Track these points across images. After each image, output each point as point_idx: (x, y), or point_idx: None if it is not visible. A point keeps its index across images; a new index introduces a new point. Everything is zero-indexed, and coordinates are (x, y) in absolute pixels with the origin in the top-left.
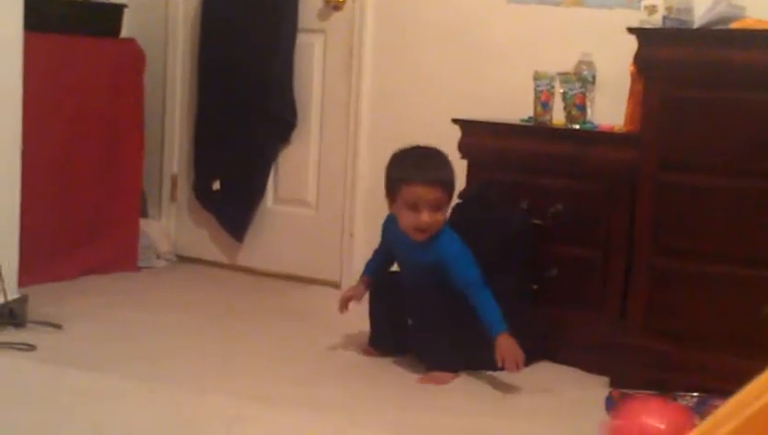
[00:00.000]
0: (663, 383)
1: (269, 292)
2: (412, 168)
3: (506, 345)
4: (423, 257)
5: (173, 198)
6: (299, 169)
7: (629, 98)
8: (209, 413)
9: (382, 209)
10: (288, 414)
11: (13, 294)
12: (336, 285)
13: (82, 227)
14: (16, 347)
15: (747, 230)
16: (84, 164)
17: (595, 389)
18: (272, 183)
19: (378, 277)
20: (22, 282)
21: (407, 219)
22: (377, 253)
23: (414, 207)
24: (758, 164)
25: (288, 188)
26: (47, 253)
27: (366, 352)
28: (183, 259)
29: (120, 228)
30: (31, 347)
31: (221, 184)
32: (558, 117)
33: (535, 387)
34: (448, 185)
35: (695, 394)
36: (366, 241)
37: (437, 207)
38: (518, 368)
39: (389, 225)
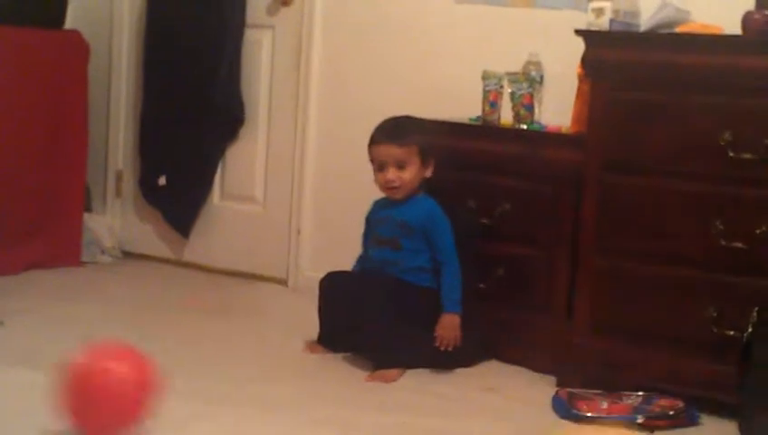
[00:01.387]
0: (609, 382)
1: (216, 288)
2: (377, 130)
3: (450, 324)
4: (402, 214)
5: (118, 193)
6: (246, 165)
7: (577, 99)
8: (159, 413)
9: (330, 206)
10: (237, 413)
11: None
12: (283, 282)
13: (25, 222)
14: None
15: (688, 230)
16: (27, 158)
17: (542, 388)
18: (219, 179)
19: (330, 275)
20: None
21: (377, 180)
22: (358, 261)
23: (381, 166)
24: (699, 165)
25: (235, 184)
26: None
27: (312, 349)
28: (128, 255)
29: (63, 223)
30: None
31: (167, 179)
32: (506, 116)
33: (482, 386)
34: (412, 143)
35: (640, 393)
36: (313, 238)
37: (401, 164)
38: (449, 348)
39: (372, 210)
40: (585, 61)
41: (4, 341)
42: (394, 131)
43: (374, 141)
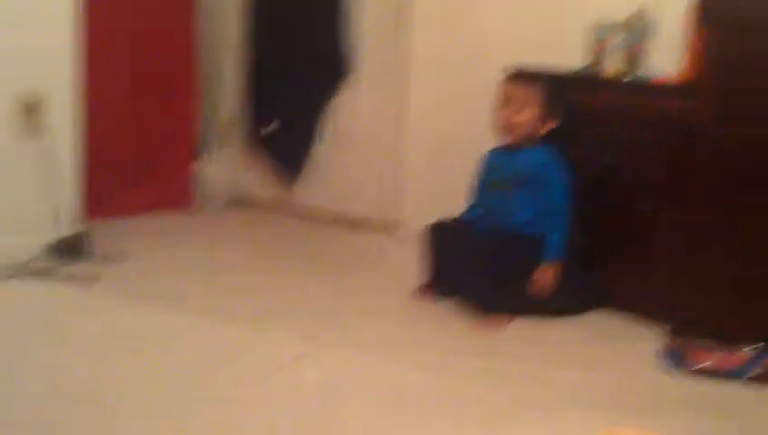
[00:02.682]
0: (722, 334)
1: (322, 235)
2: (513, 69)
3: (546, 272)
4: (517, 164)
5: (228, 141)
6: (353, 114)
7: (687, 48)
8: (264, 351)
9: (435, 156)
10: (340, 356)
11: (76, 228)
12: (389, 231)
13: (140, 168)
14: (79, 280)
15: None
16: (141, 105)
17: (653, 339)
18: (326, 128)
19: (437, 223)
20: (87, 217)
21: (496, 117)
22: (468, 211)
23: (503, 103)
24: None
25: (341, 132)
26: (109, 191)
27: (418, 296)
28: (237, 202)
29: (176, 170)
30: (93, 280)
31: (275, 128)
32: (611, 68)
33: (592, 336)
34: (536, 90)
35: (755, 346)
36: (419, 187)
37: (520, 106)
38: (540, 294)
39: (487, 159)
40: (698, 8)
41: (121, 280)
42: (525, 75)
43: (506, 78)
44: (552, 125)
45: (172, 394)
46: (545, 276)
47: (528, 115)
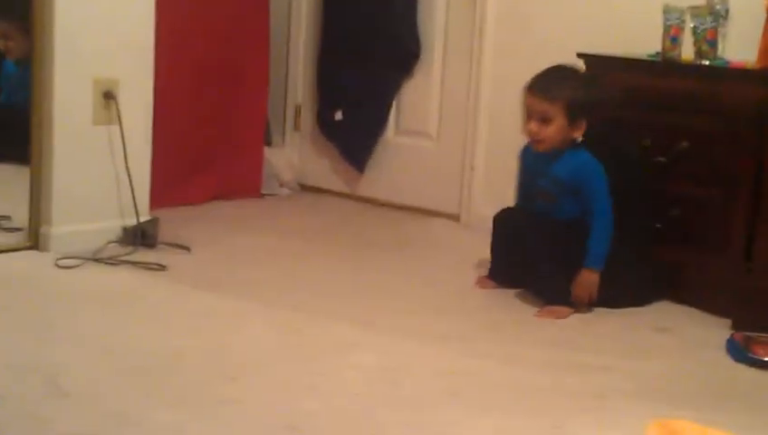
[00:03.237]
0: None
1: (389, 222)
2: (532, 78)
3: (587, 282)
4: (555, 170)
5: (296, 127)
6: (421, 101)
7: (764, 33)
8: (327, 338)
9: (504, 143)
10: (402, 343)
11: (145, 216)
12: (455, 218)
13: (208, 154)
14: (148, 267)
15: None
16: (210, 91)
17: (717, 331)
18: (394, 114)
19: (503, 211)
20: (153, 205)
21: (523, 127)
22: (520, 186)
23: (527, 115)
24: None
25: (410, 119)
26: (176, 178)
27: (482, 284)
28: (305, 188)
29: (244, 156)
30: (162, 267)
31: (344, 114)
32: (687, 52)
33: (654, 326)
34: (559, 99)
35: None
36: (486, 174)
37: (545, 119)
38: (582, 306)
39: (525, 153)
40: None
41: (189, 267)
42: (544, 83)
43: (526, 89)
44: (582, 127)
45: (232, 378)
46: (586, 287)
47: (553, 129)
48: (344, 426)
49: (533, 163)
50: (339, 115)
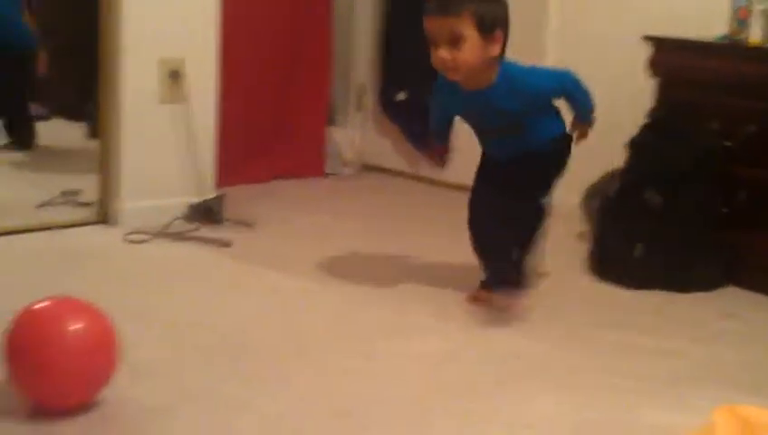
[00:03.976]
0: None
1: (451, 203)
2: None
3: (585, 131)
4: (499, 105)
5: (359, 107)
6: None
7: None
8: (385, 320)
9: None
10: (464, 327)
11: (211, 193)
12: None
13: (273, 134)
14: (213, 243)
15: None
16: (274, 72)
17: None
18: None
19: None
20: (219, 183)
21: (432, 59)
22: (438, 120)
23: (432, 43)
24: None
25: None
26: (241, 157)
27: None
28: (367, 167)
29: (308, 135)
30: (226, 244)
31: (406, 95)
32: (755, 35)
33: (721, 311)
34: (464, 13)
35: None
36: None
37: (453, 39)
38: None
39: (441, 90)
40: None
41: (253, 244)
42: (443, 1)
43: (425, 15)
44: (500, 39)
45: (293, 357)
46: (584, 132)
47: (467, 49)
48: (398, 412)
49: (460, 102)
50: (401, 95)
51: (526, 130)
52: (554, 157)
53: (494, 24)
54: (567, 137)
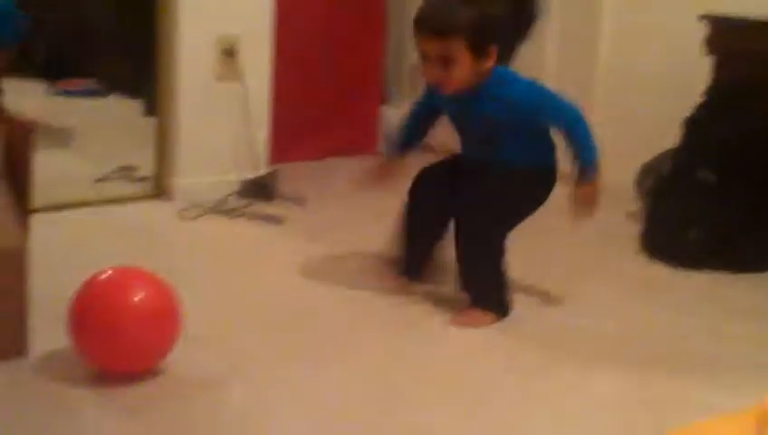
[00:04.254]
0: None
1: None
2: (419, 9)
3: (592, 192)
4: (486, 111)
5: (413, 86)
6: (537, 64)
7: None
8: (444, 297)
9: (624, 105)
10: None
11: (264, 170)
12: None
13: (327, 112)
14: (266, 219)
15: None
16: (328, 49)
17: None
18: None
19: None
20: (272, 160)
21: (423, 72)
22: (415, 113)
23: (423, 58)
24: None
25: (525, 70)
26: (295, 134)
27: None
28: (422, 147)
29: (362, 114)
30: (279, 220)
31: None
32: None
33: None
34: (456, 35)
35: None
36: (604, 138)
37: (446, 62)
38: (587, 216)
39: (430, 94)
40: None
41: (305, 221)
42: (433, 17)
43: (414, 27)
44: (493, 54)
45: (346, 333)
46: (590, 198)
47: (458, 70)
48: (460, 392)
49: (447, 106)
50: None
51: (501, 149)
52: (526, 186)
53: (488, 42)
54: (545, 176)
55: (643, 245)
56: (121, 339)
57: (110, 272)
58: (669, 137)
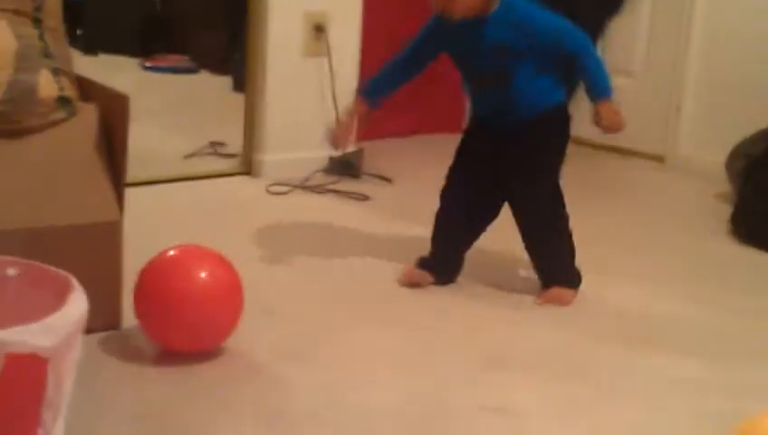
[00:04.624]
0: None
1: (588, 163)
2: None
3: (609, 111)
4: (493, 38)
5: None
6: (627, 39)
7: None
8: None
9: (717, 84)
10: (616, 285)
11: (351, 147)
12: (660, 159)
13: (414, 89)
14: (353, 196)
15: None
16: (416, 27)
17: None
18: (599, 52)
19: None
20: (358, 137)
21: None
22: (397, 64)
23: None
24: None
25: (615, 58)
26: (381, 112)
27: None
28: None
29: (449, 92)
30: (365, 197)
31: None
32: None
33: None
34: None
35: None
36: (694, 116)
37: None
38: (616, 130)
39: (437, 26)
40: None
41: (391, 198)
42: None
43: None
44: None
45: (433, 309)
46: (612, 114)
47: None
48: (541, 363)
49: (451, 34)
50: None
51: (514, 86)
52: (547, 135)
53: None
54: (564, 112)
55: (733, 228)
56: (184, 318)
57: (172, 251)
58: (761, 119)
